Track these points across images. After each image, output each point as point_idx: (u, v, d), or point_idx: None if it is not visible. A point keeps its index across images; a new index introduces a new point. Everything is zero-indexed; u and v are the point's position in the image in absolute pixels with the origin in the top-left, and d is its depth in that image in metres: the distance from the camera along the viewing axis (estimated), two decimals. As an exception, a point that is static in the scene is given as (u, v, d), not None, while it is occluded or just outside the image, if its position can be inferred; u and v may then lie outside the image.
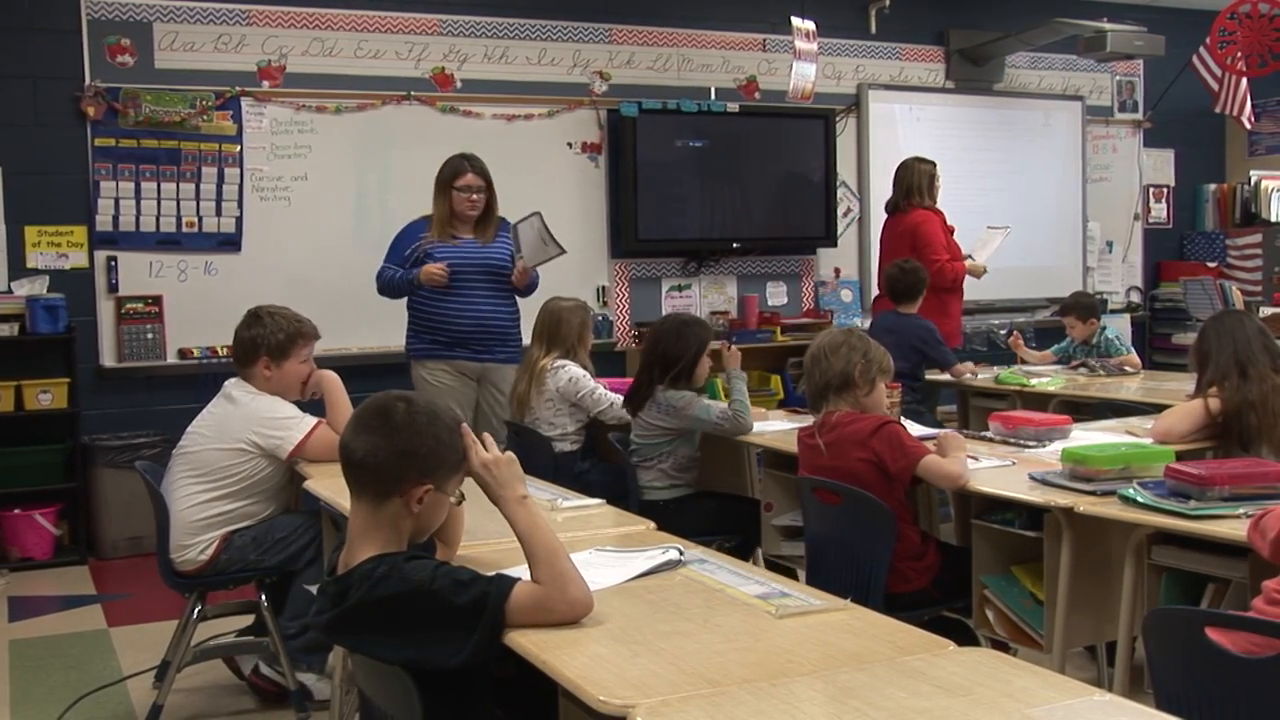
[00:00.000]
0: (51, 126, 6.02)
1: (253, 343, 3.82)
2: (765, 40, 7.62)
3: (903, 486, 3.37)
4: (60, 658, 4.42)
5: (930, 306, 5.80)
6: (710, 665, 1.85)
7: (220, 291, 6.25)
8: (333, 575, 2.13)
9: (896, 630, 2.02)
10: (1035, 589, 3.18)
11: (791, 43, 6.46)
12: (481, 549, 2.52)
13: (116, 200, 6.11)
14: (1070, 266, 8.59)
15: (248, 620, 4.08)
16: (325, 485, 3.35)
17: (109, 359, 6.13)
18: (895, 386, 4.17)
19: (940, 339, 5.57)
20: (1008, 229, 6.80)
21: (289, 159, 6.45)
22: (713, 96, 7.42)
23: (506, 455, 2.22)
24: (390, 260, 5.25)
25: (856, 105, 7.93)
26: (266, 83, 6.41)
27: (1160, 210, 9.15)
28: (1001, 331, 7.91)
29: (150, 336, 6.17)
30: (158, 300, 6.19)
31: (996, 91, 8.38)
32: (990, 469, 3.40)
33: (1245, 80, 8.12)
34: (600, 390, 4.70)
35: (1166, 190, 9.15)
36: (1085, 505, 2.91)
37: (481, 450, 2.20)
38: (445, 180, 5.18)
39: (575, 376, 4.69)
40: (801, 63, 6.39)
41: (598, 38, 7.18)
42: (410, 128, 6.61)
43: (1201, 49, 8.17)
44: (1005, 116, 8.37)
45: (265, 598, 3.77)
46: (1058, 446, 3.43)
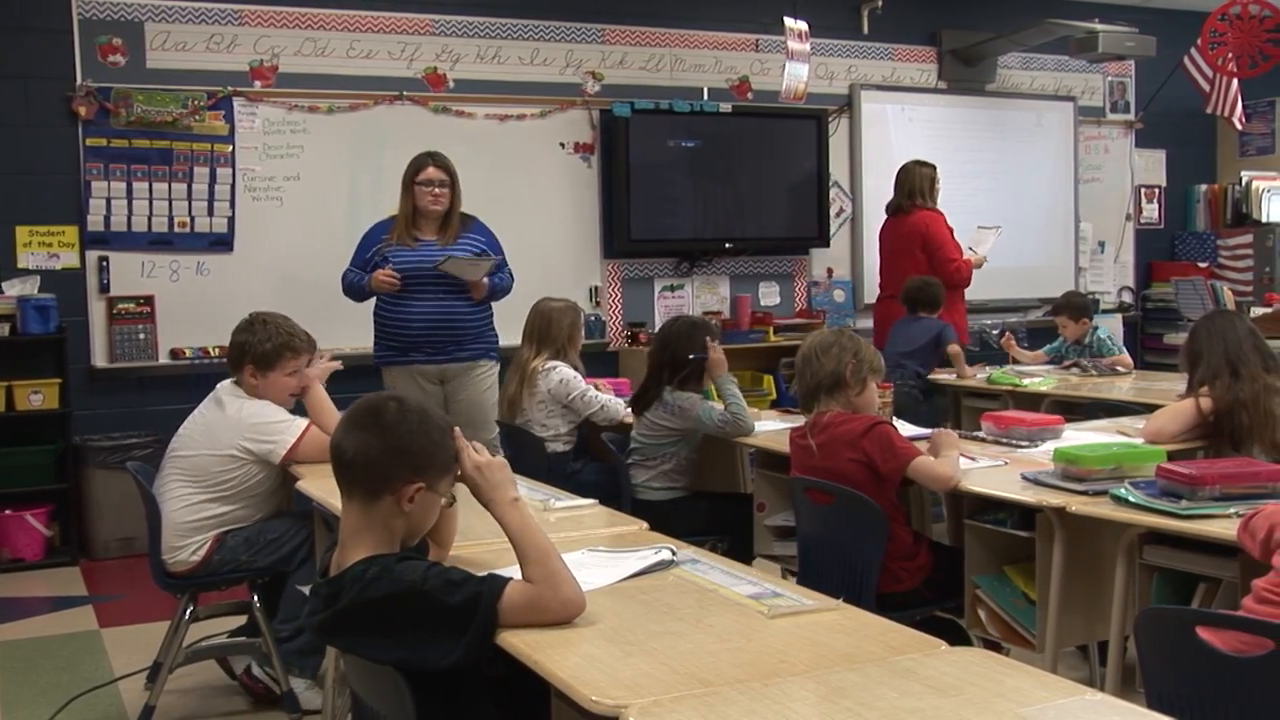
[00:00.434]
0: (43, 126, 6.01)
1: (240, 349, 3.81)
2: (758, 40, 7.62)
3: (894, 487, 3.38)
4: (51, 659, 4.41)
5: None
6: (702, 665, 1.85)
7: (212, 292, 6.25)
8: (325, 576, 2.13)
9: (888, 630, 2.02)
10: (1027, 589, 3.19)
11: (784, 43, 6.47)
12: (474, 549, 2.52)
13: (108, 200, 6.10)
14: (1062, 266, 8.60)
15: (240, 621, 4.06)
16: (317, 486, 3.34)
17: (100, 359, 6.12)
18: (887, 386, 4.18)
19: (955, 335, 5.94)
20: (999, 228, 6.87)
21: (281, 159, 6.44)
22: (705, 97, 7.42)
23: (498, 459, 2.23)
24: (353, 263, 5.18)
25: (849, 105, 7.94)
26: (258, 83, 6.40)
27: (1152, 210, 9.17)
28: (994, 332, 7.92)
29: (142, 337, 6.16)
30: (149, 300, 6.17)
31: (989, 92, 8.39)
32: (982, 469, 3.40)
33: (1236, 81, 8.14)
34: (592, 392, 4.70)
35: (1158, 191, 9.17)
36: (1077, 505, 2.92)
37: (473, 454, 2.20)
38: (408, 177, 5.09)
39: (567, 378, 4.69)
40: (794, 63, 6.40)
41: (590, 38, 7.18)
42: (402, 128, 6.59)
43: (1192, 50, 8.19)
44: (997, 117, 8.39)
45: (257, 599, 3.76)
46: (1050, 446, 3.43)
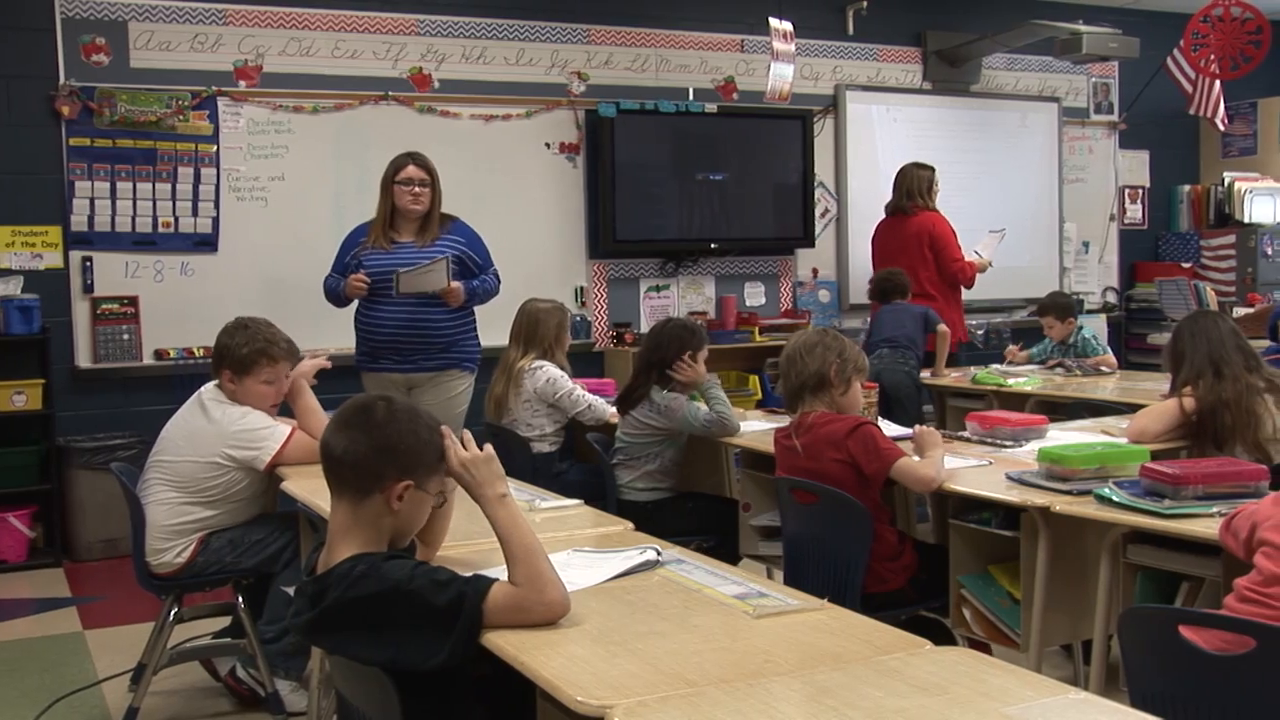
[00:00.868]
0: (26, 126, 5.97)
1: (219, 352, 3.78)
2: (743, 41, 7.63)
3: (878, 488, 3.38)
4: (35, 661, 4.39)
5: (939, 303, 6.27)
6: (688, 665, 1.85)
7: (197, 292, 6.23)
8: (311, 575, 2.12)
9: (874, 630, 2.03)
10: (1012, 588, 3.20)
11: (769, 44, 6.47)
12: (462, 550, 2.52)
13: (92, 200, 6.07)
14: (1047, 267, 8.63)
15: (224, 622, 4.05)
16: (302, 486, 3.33)
17: (84, 360, 6.09)
18: (871, 386, 4.19)
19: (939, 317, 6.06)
20: (1004, 231, 6.96)
21: (266, 159, 6.42)
22: (691, 97, 7.42)
23: (485, 453, 2.21)
24: (334, 268, 5.11)
25: (834, 106, 7.95)
26: (243, 82, 6.38)
27: (1135, 211, 9.20)
28: (979, 332, 7.96)
29: (126, 337, 6.13)
30: (133, 301, 6.15)
31: (973, 93, 8.41)
32: (967, 469, 3.41)
33: (1218, 83, 8.18)
34: (578, 391, 4.70)
35: (1142, 191, 9.21)
36: (1061, 505, 2.93)
37: (460, 449, 2.20)
38: (388, 177, 4.96)
39: (553, 377, 4.69)
40: (779, 63, 6.41)
41: (576, 38, 7.17)
42: (388, 128, 6.57)
43: (1175, 51, 8.23)
44: (982, 117, 8.41)
45: (242, 600, 3.75)
46: (1034, 446, 3.45)
